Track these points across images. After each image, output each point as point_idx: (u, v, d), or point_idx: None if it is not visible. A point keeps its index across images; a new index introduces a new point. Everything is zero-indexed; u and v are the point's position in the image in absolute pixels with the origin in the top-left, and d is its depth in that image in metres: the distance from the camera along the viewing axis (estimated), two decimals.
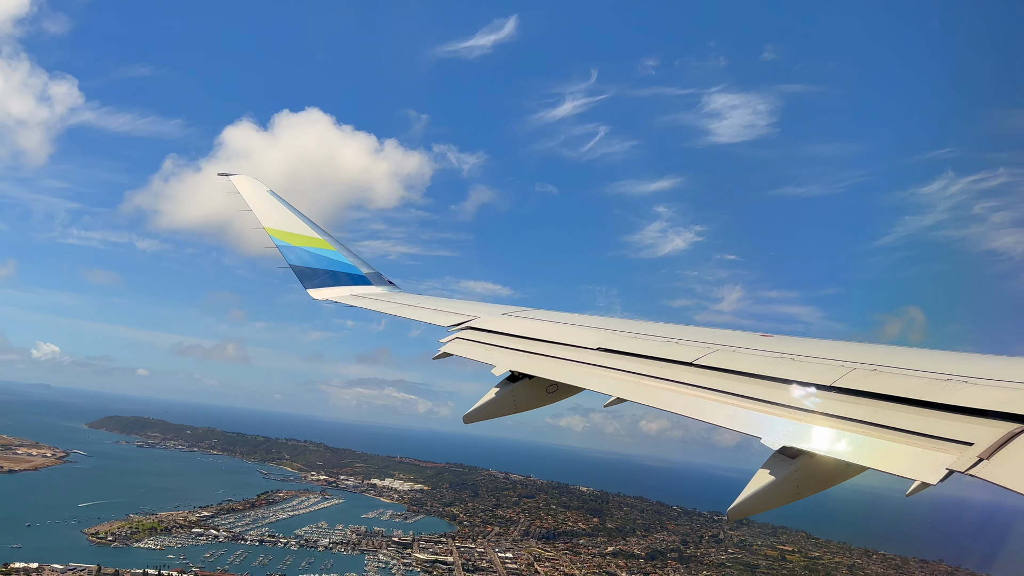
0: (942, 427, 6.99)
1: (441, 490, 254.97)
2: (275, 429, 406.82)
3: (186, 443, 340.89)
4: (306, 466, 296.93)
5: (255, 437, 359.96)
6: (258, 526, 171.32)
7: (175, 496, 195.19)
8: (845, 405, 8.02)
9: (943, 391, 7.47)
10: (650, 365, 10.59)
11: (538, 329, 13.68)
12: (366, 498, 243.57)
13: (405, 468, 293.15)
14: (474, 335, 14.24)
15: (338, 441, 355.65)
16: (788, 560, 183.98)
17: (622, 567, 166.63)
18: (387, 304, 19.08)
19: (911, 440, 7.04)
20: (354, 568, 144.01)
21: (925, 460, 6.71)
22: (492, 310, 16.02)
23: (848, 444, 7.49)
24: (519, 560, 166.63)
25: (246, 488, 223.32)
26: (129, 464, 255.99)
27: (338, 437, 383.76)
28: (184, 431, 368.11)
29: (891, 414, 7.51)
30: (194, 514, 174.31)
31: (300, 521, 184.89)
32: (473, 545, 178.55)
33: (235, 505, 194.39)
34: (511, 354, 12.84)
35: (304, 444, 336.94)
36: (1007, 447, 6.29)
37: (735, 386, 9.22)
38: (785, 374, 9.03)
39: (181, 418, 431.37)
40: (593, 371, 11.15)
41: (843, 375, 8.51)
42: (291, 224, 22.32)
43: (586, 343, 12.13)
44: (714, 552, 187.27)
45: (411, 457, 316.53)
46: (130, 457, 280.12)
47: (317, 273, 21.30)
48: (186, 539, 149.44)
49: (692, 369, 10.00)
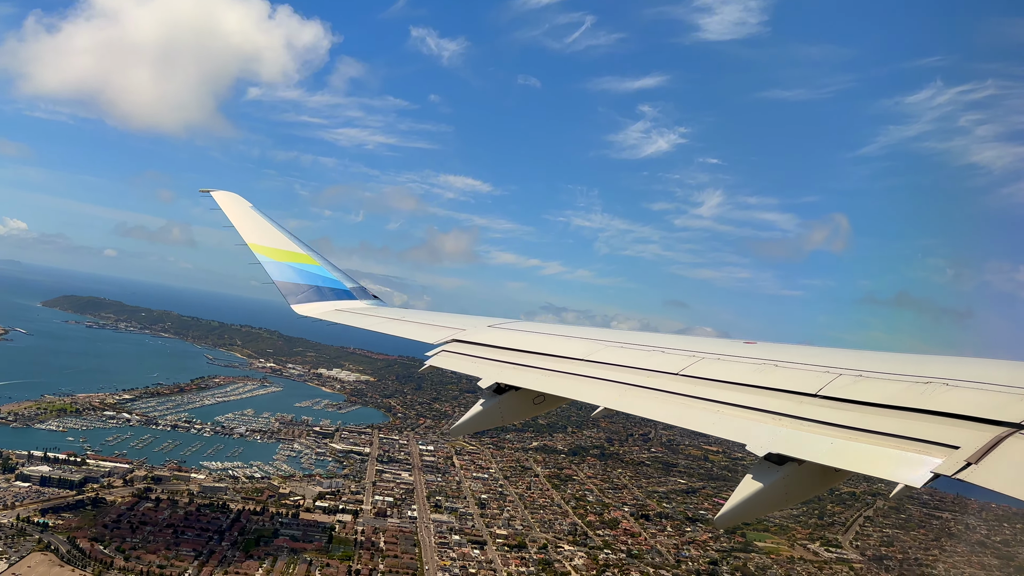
0: (927, 431, 7.10)
1: (386, 382, 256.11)
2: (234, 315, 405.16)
3: (139, 325, 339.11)
4: (256, 353, 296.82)
5: (210, 322, 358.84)
6: (178, 411, 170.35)
7: (103, 378, 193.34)
8: (830, 411, 8.14)
9: (924, 395, 7.63)
10: (637, 375, 10.74)
11: (524, 341, 13.84)
12: (307, 387, 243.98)
13: (356, 359, 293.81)
14: (460, 348, 14.37)
15: (295, 330, 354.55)
16: (710, 460, 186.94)
17: (539, 462, 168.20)
18: (372, 319, 19.11)
19: (897, 444, 7.15)
20: (264, 456, 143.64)
21: (910, 463, 6.82)
22: (477, 323, 16.13)
23: (834, 449, 7.59)
24: (438, 453, 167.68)
25: (184, 372, 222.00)
26: (68, 344, 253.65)
27: (298, 326, 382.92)
28: (139, 313, 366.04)
29: (877, 419, 7.63)
30: (114, 397, 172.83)
31: (226, 408, 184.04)
32: (397, 437, 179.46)
33: (162, 389, 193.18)
34: (497, 366, 12.92)
35: (258, 331, 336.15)
36: (994, 451, 6.37)
37: (721, 394, 9.34)
38: (769, 382, 9.18)
39: (139, 300, 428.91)
40: (580, 382, 11.34)
41: (829, 382, 8.66)
42: (274, 240, 22.41)
43: (572, 354, 12.28)
44: (637, 451, 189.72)
45: (365, 349, 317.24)
46: (73, 337, 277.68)
47: (301, 288, 21.35)
48: (94, 422, 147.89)
49: (678, 379, 10.19)
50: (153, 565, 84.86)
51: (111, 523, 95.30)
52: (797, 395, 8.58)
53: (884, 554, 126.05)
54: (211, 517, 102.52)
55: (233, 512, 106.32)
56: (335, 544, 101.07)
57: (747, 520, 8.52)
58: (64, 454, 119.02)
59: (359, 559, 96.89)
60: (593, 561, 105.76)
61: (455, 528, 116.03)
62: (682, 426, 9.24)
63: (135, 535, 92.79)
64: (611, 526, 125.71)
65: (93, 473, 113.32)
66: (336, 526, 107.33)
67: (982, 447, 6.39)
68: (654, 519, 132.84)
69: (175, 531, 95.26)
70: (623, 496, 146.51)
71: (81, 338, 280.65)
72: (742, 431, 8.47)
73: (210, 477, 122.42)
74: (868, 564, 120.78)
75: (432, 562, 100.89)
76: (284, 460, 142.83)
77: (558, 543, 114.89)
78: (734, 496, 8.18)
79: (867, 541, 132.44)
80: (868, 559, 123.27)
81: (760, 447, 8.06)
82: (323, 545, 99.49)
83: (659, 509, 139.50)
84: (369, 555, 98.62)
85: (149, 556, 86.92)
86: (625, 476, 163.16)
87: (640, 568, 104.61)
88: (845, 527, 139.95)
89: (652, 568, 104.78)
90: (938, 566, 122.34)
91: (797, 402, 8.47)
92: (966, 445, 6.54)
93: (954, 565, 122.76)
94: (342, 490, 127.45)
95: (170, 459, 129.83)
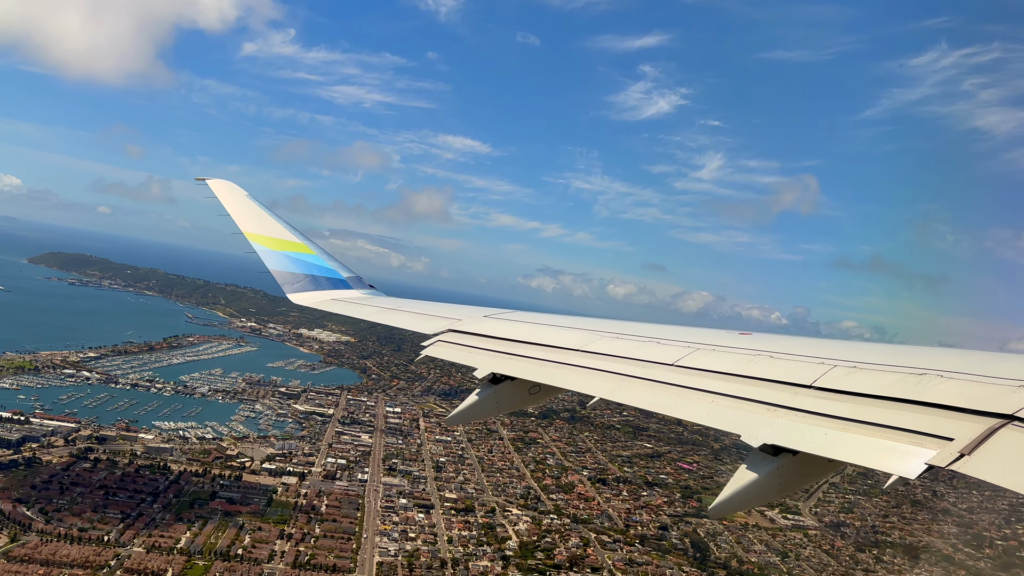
0: (921, 422, 7.12)
1: (366, 343, 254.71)
2: (222, 274, 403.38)
3: (123, 283, 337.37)
4: (238, 312, 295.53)
5: (195, 280, 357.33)
6: (142, 370, 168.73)
7: (72, 336, 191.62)
8: (825, 402, 8.10)
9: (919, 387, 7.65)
10: (632, 366, 10.77)
11: (519, 331, 13.95)
12: (284, 347, 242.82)
13: (339, 320, 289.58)
14: (456, 338, 14.45)
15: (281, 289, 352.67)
16: (682, 424, 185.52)
17: (506, 425, 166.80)
18: (368, 309, 19.17)
19: (891, 435, 7.17)
20: (222, 417, 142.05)
21: (904, 455, 6.85)
22: (473, 312, 16.18)
23: (828, 440, 7.57)
24: (405, 415, 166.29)
25: (159, 331, 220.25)
26: (45, 301, 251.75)
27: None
28: (124, 271, 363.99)
29: (871, 410, 7.64)
30: (79, 355, 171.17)
31: (194, 367, 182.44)
32: (366, 398, 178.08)
33: (131, 348, 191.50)
34: (493, 356, 12.95)
35: (243, 290, 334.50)
36: (988, 442, 6.41)
37: (716, 385, 9.35)
38: (764, 373, 9.20)
39: (127, 258, 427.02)
40: (575, 372, 11.30)
41: (823, 373, 8.66)
42: (270, 229, 22.30)
43: (568, 344, 12.35)
44: (609, 414, 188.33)
45: None
46: (52, 295, 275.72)
47: (297, 278, 21.27)
48: (51, 380, 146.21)
49: (674, 369, 10.18)
50: (74, 528, 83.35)
51: (41, 484, 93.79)
52: (792, 386, 8.67)
53: (842, 521, 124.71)
54: (149, 478, 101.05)
55: (174, 474, 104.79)
56: (274, 507, 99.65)
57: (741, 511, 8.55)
58: (9, 412, 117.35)
59: (295, 523, 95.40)
60: (536, 526, 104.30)
61: (405, 491, 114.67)
62: (677, 416, 9.24)
63: (63, 496, 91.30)
64: (566, 490, 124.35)
65: (35, 432, 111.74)
66: (279, 489, 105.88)
67: (975, 438, 6.50)
68: (611, 483, 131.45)
69: (107, 492, 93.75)
70: (584, 460, 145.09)
71: (60, 295, 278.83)
72: (737, 422, 8.50)
73: (159, 437, 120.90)
74: (824, 531, 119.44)
75: (372, 526, 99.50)
76: (242, 421, 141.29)
77: (508, 507, 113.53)
78: (728, 487, 8.16)
79: (827, 508, 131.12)
80: (825, 526, 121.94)
81: (755, 438, 8.10)
82: (260, 508, 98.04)
83: (619, 473, 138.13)
84: (307, 519, 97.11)
85: (72, 519, 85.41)
86: (591, 440, 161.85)
87: (582, 533, 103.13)
88: (807, 493, 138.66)
89: (594, 533, 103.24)
90: (894, 533, 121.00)
91: (792, 393, 8.56)
92: (960, 436, 6.63)
93: (911, 532, 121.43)
94: (295, 452, 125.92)
95: (122, 419, 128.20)
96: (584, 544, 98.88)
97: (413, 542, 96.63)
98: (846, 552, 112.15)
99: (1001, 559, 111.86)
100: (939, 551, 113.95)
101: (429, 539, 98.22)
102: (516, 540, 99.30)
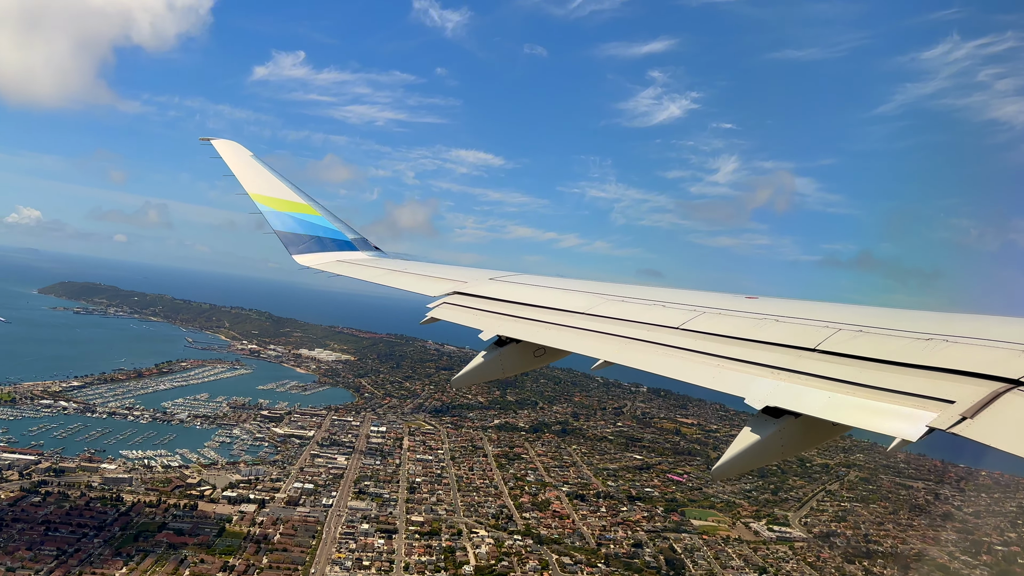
0: (925, 386, 7.02)
1: (366, 361, 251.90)
2: (228, 296, 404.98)
3: (129, 310, 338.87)
4: (241, 334, 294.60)
5: (200, 304, 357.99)
6: (125, 398, 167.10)
7: (61, 365, 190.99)
8: (829, 365, 8.05)
9: (924, 351, 7.52)
10: (637, 329, 10.71)
11: (525, 294, 13.86)
12: (280, 368, 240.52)
13: (342, 338, 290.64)
14: (461, 300, 14.32)
15: (286, 310, 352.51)
16: (681, 433, 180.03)
17: (493, 440, 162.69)
18: (374, 271, 18.99)
19: (893, 399, 7.08)
20: (196, 443, 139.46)
21: (907, 418, 6.75)
22: (479, 275, 16.07)
23: (830, 403, 7.53)
24: (389, 434, 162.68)
25: (154, 357, 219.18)
26: (43, 331, 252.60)
27: (289, 306, 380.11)
28: (131, 298, 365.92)
29: (875, 374, 7.55)
30: (61, 384, 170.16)
31: (181, 393, 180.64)
32: (352, 418, 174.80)
33: (119, 375, 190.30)
34: (498, 319, 12.88)
35: (248, 312, 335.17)
36: (991, 406, 6.33)
37: (721, 348, 9.31)
38: (769, 336, 9.14)
39: (137, 284, 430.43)
40: (580, 335, 11.24)
41: (828, 336, 8.60)
42: (275, 190, 22.18)
43: (573, 307, 12.32)
44: (603, 425, 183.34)
45: (353, 327, 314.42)
46: (53, 324, 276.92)
47: (302, 239, 21.24)
48: (26, 412, 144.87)
49: (679, 332, 10.15)
50: (2, 568, 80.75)
51: None
52: (796, 349, 8.63)
53: (833, 530, 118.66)
54: (98, 511, 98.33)
55: (126, 505, 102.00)
56: (224, 538, 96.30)
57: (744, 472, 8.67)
58: None
59: (243, 554, 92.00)
60: (498, 548, 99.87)
61: (370, 516, 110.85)
62: (681, 379, 9.06)
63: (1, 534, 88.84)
64: (541, 508, 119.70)
65: None
66: (233, 518, 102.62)
67: (978, 402, 6.41)
68: (590, 499, 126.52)
69: (47, 528, 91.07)
70: (567, 475, 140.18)
71: (61, 325, 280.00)
72: (741, 384, 8.45)
73: (121, 467, 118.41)
74: (812, 542, 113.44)
75: (326, 555, 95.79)
76: (215, 447, 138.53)
77: (475, 528, 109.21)
78: (731, 448, 8.14)
79: (819, 517, 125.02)
80: (814, 537, 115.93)
81: (758, 400, 8.07)
82: (209, 539, 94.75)
83: (602, 488, 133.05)
84: (255, 549, 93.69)
85: (3, 558, 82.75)
86: (578, 453, 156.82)
87: (543, 555, 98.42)
88: (800, 503, 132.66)
89: (556, 555, 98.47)
90: (887, 541, 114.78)
91: (796, 356, 8.51)
92: (962, 400, 6.54)
93: (904, 540, 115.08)
94: (262, 478, 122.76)
95: (88, 449, 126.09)
96: (543, 567, 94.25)
97: (367, 570, 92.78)
98: (832, 564, 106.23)
99: (999, 566, 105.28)
100: (933, 559, 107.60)
101: (385, 567, 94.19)
102: (473, 564, 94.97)
